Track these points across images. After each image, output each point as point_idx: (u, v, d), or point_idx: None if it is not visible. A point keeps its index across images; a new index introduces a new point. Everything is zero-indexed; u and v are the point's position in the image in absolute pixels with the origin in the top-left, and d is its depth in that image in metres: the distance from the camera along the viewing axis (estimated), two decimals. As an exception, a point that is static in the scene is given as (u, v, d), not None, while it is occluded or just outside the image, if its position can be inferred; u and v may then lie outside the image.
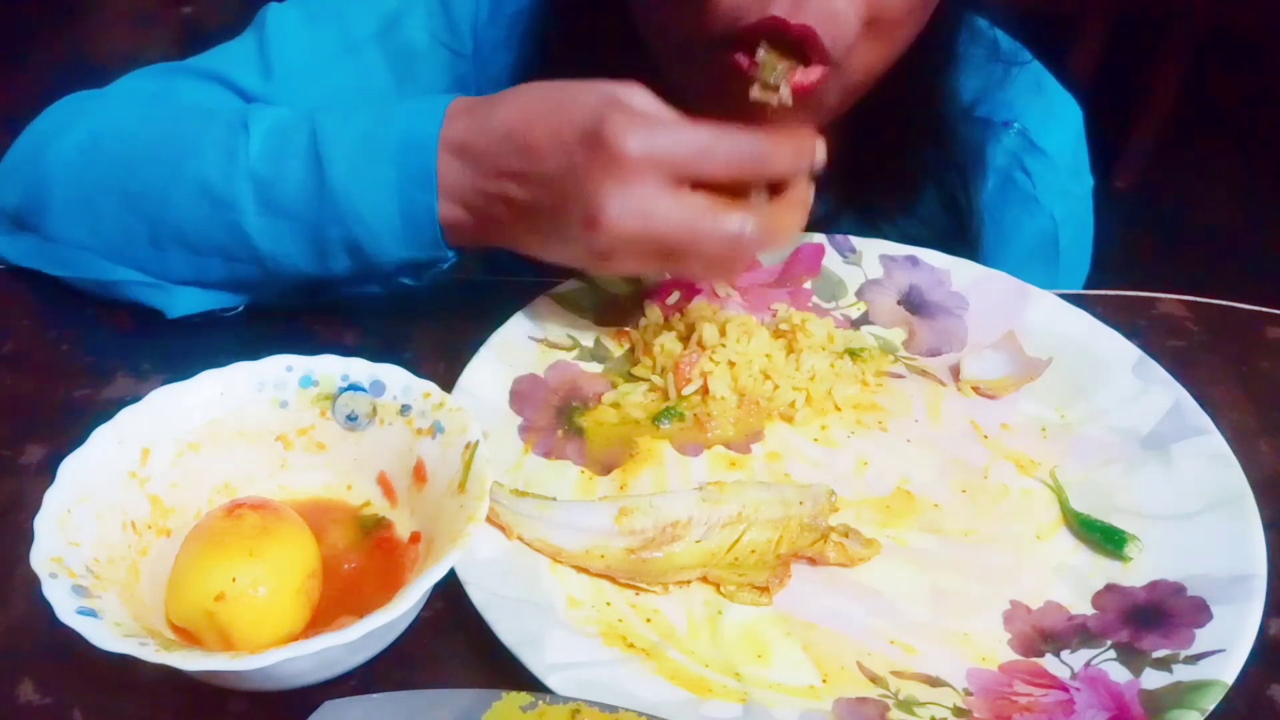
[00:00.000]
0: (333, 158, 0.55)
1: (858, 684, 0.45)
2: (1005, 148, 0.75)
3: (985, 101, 0.73)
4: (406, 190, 0.54)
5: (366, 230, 0.55)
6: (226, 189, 0.56)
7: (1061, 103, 0.78)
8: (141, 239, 0.58)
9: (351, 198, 0.54)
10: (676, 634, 0.46)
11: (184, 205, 0.57)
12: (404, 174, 0.54)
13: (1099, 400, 0.58)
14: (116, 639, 0.37)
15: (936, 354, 0.62)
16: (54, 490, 0.42)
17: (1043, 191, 0.77)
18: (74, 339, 0.60)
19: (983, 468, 0.55)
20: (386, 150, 0.54)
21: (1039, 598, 0.49)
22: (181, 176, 0.57)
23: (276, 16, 0.68)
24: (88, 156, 0.61)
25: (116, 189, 0.59)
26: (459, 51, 0.71)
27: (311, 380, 0.48)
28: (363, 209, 0.54)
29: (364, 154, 0.54)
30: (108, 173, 0.59)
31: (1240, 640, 0.44)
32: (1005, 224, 0.76)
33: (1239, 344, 0.64)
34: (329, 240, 0.55)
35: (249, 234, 0.56)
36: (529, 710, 0.38)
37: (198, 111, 0.62)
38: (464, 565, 0.45)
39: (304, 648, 0.37)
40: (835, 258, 0.65)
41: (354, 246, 0.55)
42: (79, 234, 0.60)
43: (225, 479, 0.47)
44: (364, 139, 0.55)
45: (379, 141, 0.54)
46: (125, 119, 0.63)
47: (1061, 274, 0.80)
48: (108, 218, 0.59)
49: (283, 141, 0.56)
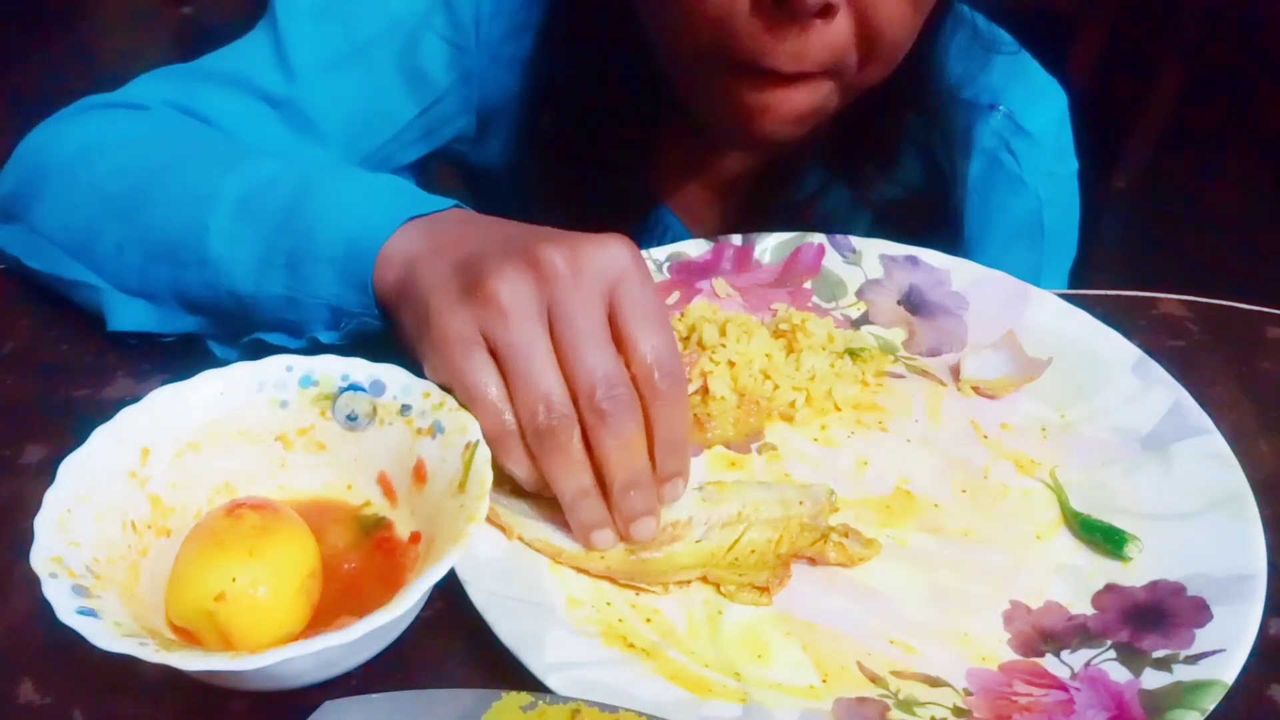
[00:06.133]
0: (335, 180, 0.55)
1: (858, 684, 0.45)
2: (992, 129, 0.77)
3: (970, 85, 0.75)
4: (368, 218, 0.52)
5: (311, 245, 0.53)
6: (212, 186, 0.56)
7: (1045, 86, 0.80)
8: (107, 239, 0.58)
9: (318, 210, 0.53)
10: (676, 634, 0.46)
11: (161, 204, 0.57)
12: (386, 205, 0.52)
13: (1099, 400, 0.58)
14: (116, 639, 0.37)
15: (936, 354, 0.62)
16: (54, 490, 0.42)
17: (1028, 172, 0.78)
18: (74, 339, 0.60)
19: (983, 468, 0.55)
20: (376, 188, 0.54)
21: (1039, 598, 0.49)
22: (170, 179, 0.57)
23: (287, 10, 0.68)
24: (86, 156, 0.61)
25: (99, 189, 0.59)
26: (462, 46, 0.71)
27: (311, 380, 0.48)
28: (322, 224, 0.53)
29: (360, 187, 0.54)
30: (97, 173, 0.60)
31: (1240, 640, 0.44)
32: (991, 204, 0.78)
33: (1239, 344, 0.64)
34: (275, 250, 0.53)
35: (208, 233, 0.55)
36: (529, 710, 0.38)
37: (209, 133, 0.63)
38: (464, 565, 0.45)
39: (304, 648, 0.37)
40: (835, 258, 0.65)
41: (294, 262, 0.53)
42: (54, 228, 0.60)
43: (225, 479, 0.47)
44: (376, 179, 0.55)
45: (388, 184, 0.55)
46: (134, 127, 0.64)
47: (1047, 254, 0.81)
48: (81, 214, 0.59)
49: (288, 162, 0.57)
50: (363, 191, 0.55)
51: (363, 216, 0.52)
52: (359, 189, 0.55)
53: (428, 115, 0.73)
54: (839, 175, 0.74)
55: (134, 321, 0.58)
